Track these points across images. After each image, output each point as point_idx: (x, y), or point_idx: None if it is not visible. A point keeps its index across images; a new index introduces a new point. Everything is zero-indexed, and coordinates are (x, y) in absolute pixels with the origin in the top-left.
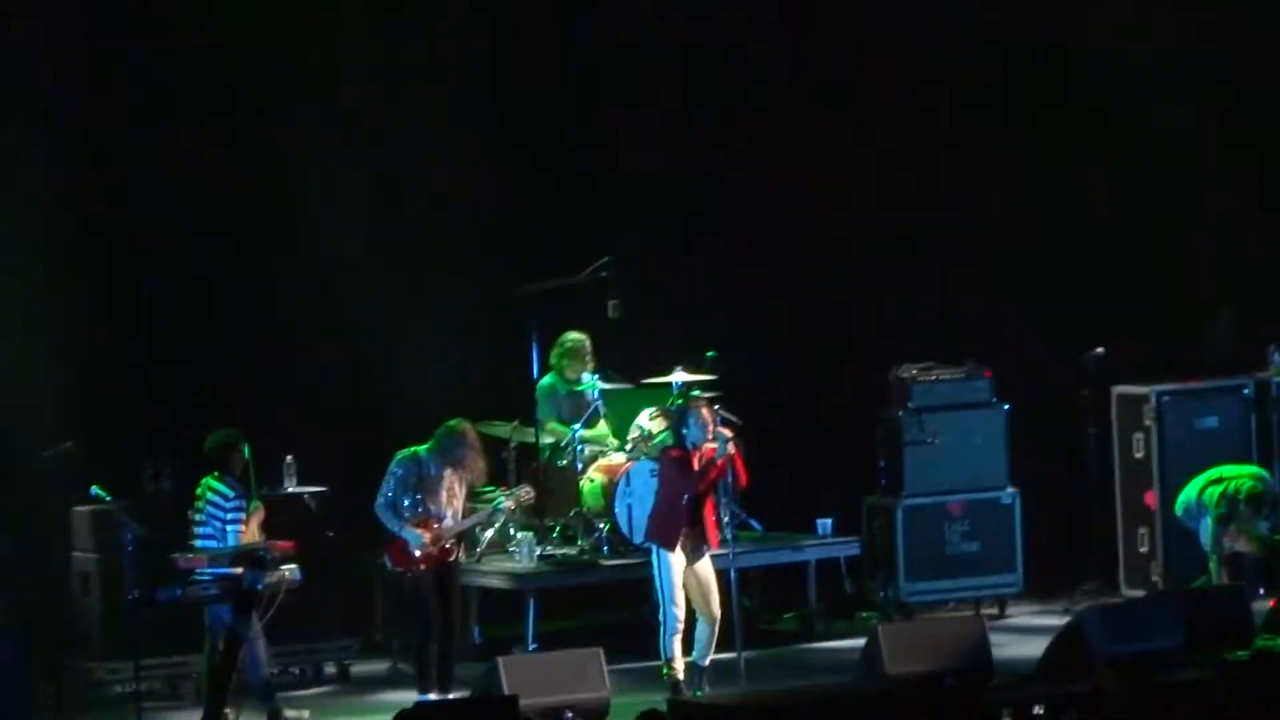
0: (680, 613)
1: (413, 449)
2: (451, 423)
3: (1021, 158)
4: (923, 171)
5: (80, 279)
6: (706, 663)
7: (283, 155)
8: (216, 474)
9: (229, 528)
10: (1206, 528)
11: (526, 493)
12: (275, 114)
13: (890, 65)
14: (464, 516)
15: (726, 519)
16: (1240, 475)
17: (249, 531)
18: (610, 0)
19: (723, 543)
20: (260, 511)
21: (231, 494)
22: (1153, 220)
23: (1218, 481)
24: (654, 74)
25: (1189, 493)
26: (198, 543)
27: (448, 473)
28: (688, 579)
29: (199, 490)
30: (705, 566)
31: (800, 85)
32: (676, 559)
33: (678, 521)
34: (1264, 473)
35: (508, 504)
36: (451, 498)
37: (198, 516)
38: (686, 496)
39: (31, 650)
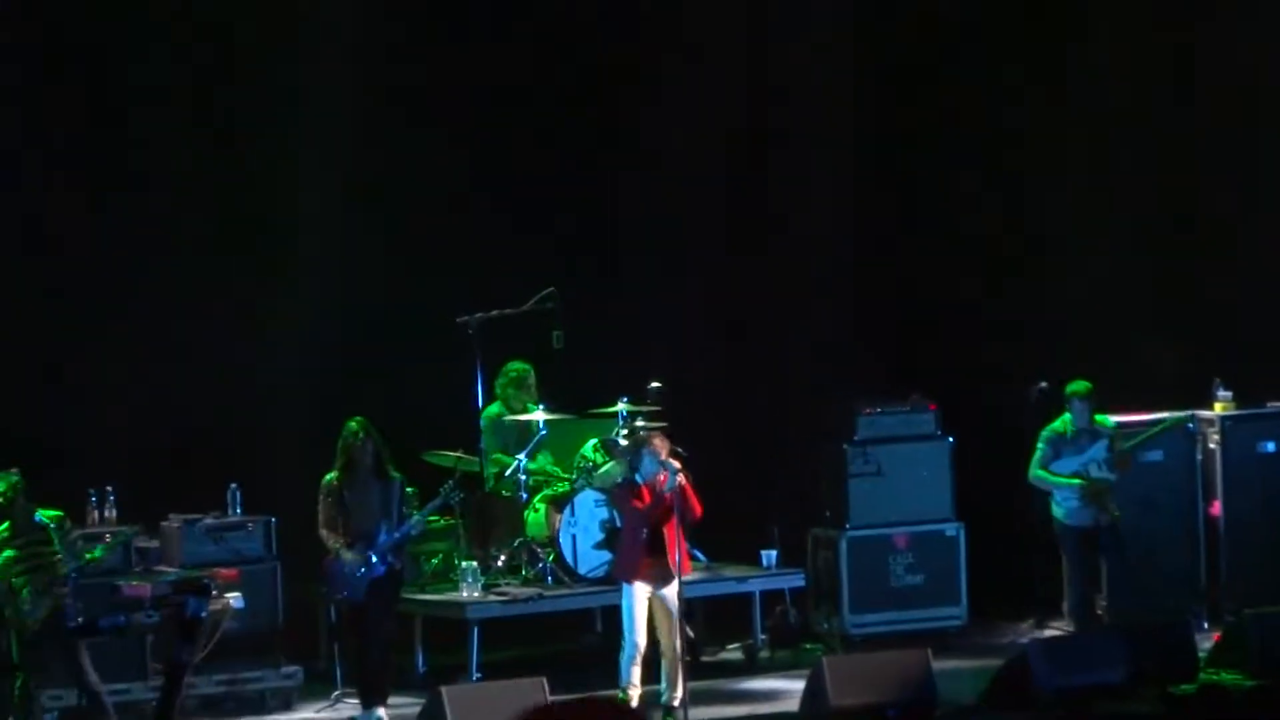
0: (641, 640)
1: (331, 474)
2: (346, 427)
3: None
4: (866, 206)
5: None
6: (676, 701)
7: (249, 176)
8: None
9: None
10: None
11: (453, 488)
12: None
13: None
14: (399, 523)
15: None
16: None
17: None
18: (572, 29)
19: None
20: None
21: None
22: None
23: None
24: (604, 100)
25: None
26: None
27: (361, 475)
28: (654, 607)
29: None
30: (670, 595)
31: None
32: (640, 589)
33: (639, 556)
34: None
35: (436, 503)
36: (383, 508)
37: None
38: (645, 530)
39: None
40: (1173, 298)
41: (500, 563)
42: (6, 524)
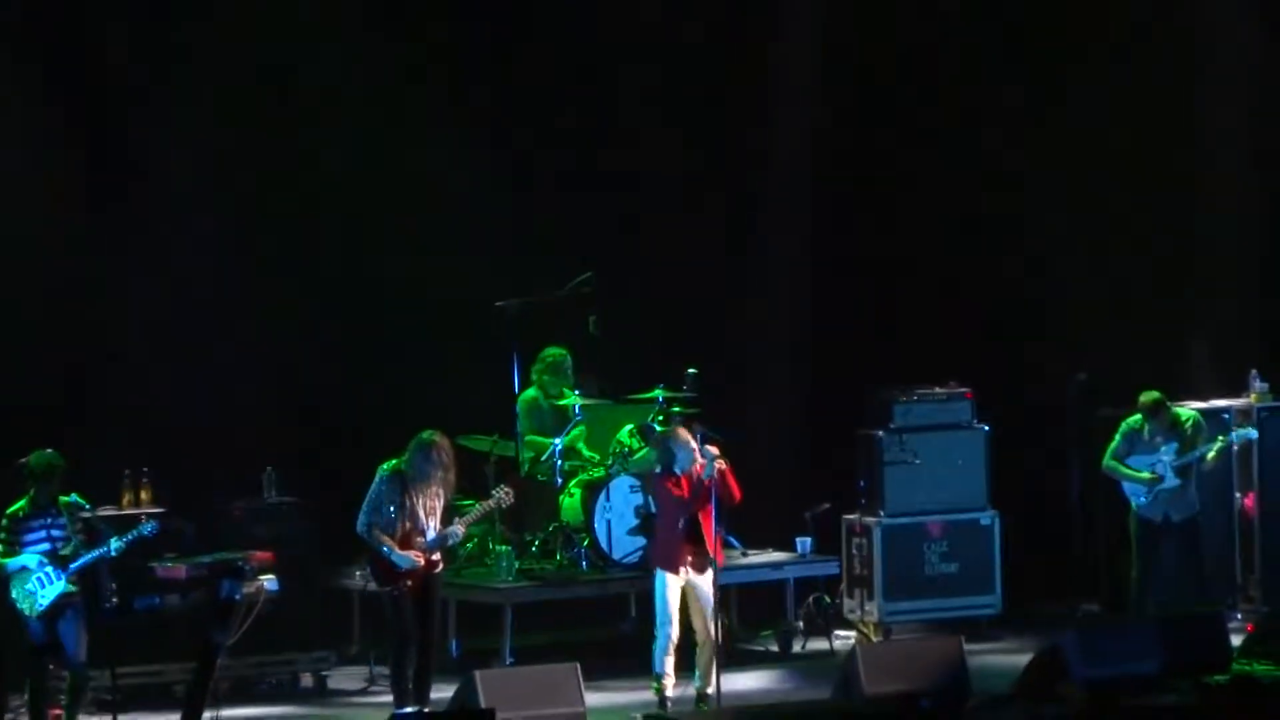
0: (674, 631)
1: (393, 463)
2: (424, 434)
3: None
4: (904, 195)
5: None
6: (710, 688)
7: (293, 162)
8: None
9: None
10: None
11: (507, 493)
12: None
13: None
14: (443, 524)
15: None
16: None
17: None
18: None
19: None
20: None
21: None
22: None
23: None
24: (641, 84)
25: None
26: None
27: (426, 484)
28: (688, 596)
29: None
30: (705, 583)
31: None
32: (675, 579)
33: (677, 545)
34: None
35: (488, 504)
36: (432, 509)
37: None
38: (683, 520)
39: (4, 658)
40: (1208, 285)
41: (535, 547)
42: (24, 500)
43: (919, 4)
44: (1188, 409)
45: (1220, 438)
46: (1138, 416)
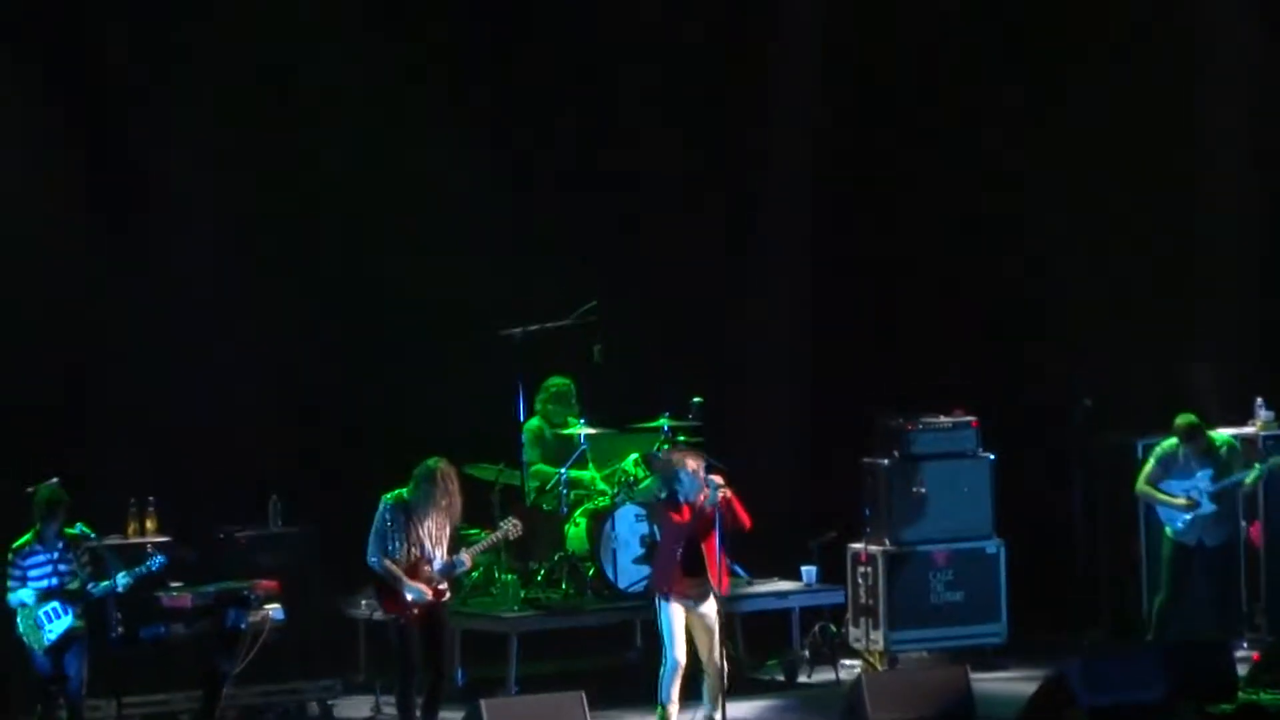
0: (680, 656)
1: (396, 492)
2: (429, 462)
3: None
4: (906, 223)
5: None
6: (717, 716)
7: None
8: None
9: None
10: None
11: (515, 526)
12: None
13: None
14: (449, 553)
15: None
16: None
17: None
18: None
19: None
20: None
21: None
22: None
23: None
24: (640, 83)
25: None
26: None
27: (430, 512)
28: (693, 624)
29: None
30: (710, 612)
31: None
32: (677, 604)
33: (675, 571)
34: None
35: (495, 536)
36: (438, 538)
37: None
38: (682, 547)
39: (12, 686)
40: (1208, 285)
41: (540, 576)
42: (30, 534)
43: (919, 4)
44: (1223, 433)
45: (1258, 464)
46: (1172, 440)
